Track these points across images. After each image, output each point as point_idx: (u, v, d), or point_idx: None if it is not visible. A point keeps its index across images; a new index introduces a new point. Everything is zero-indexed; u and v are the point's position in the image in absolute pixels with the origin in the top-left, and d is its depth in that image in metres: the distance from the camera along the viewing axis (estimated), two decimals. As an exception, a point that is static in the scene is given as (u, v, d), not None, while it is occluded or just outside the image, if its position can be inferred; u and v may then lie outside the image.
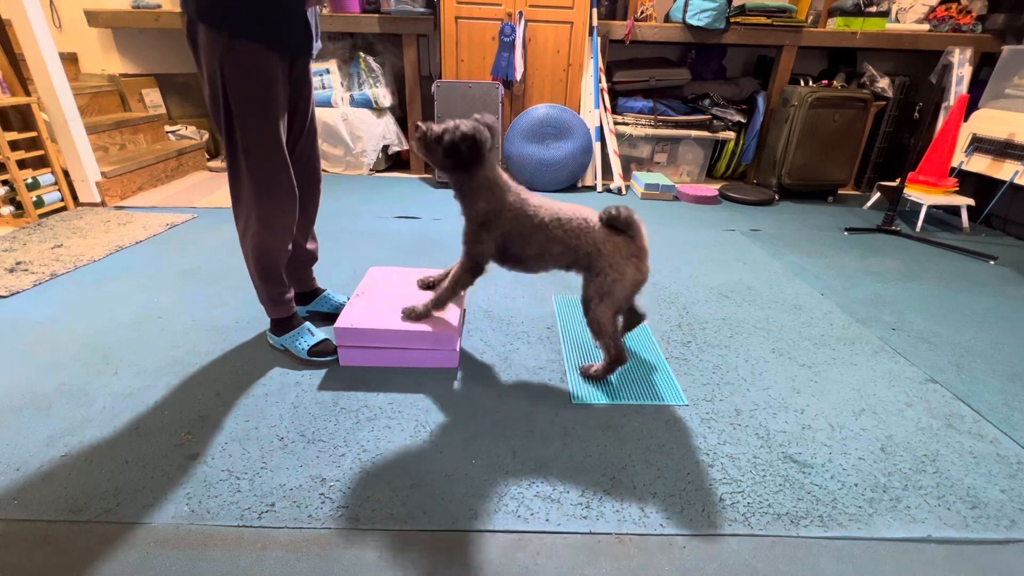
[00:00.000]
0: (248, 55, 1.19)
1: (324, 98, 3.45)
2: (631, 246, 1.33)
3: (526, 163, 3.34)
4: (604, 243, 1.33)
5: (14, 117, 2.52)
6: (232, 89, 1.21)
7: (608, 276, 1.32)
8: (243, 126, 1.25)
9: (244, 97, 1.22)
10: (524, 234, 1.36)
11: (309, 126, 1.47)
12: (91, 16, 3.37)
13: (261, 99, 1.24)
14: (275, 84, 1.25)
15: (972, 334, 1.82)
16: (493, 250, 1.41)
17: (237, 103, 1.22)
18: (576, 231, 1.34)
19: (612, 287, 1.33)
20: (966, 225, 2.94)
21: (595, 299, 1.35)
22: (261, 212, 1.35)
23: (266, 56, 1.21)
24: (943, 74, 3.11)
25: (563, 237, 1.34)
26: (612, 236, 1.33)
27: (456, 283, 1.46)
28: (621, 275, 1.32)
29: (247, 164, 1.29)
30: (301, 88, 1.39)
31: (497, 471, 1.16)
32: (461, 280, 1.46)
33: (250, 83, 1.22)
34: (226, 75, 1.20)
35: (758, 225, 2.90)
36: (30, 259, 2.09)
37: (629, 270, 1.32)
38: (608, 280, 1.33)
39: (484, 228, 1.37)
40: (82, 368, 1.45)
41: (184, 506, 1.04)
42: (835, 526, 1.06)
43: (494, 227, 1.37)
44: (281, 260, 1.45)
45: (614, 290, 1.33)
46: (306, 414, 1.31)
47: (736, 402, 1.42)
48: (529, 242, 1.37)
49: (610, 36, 3.37)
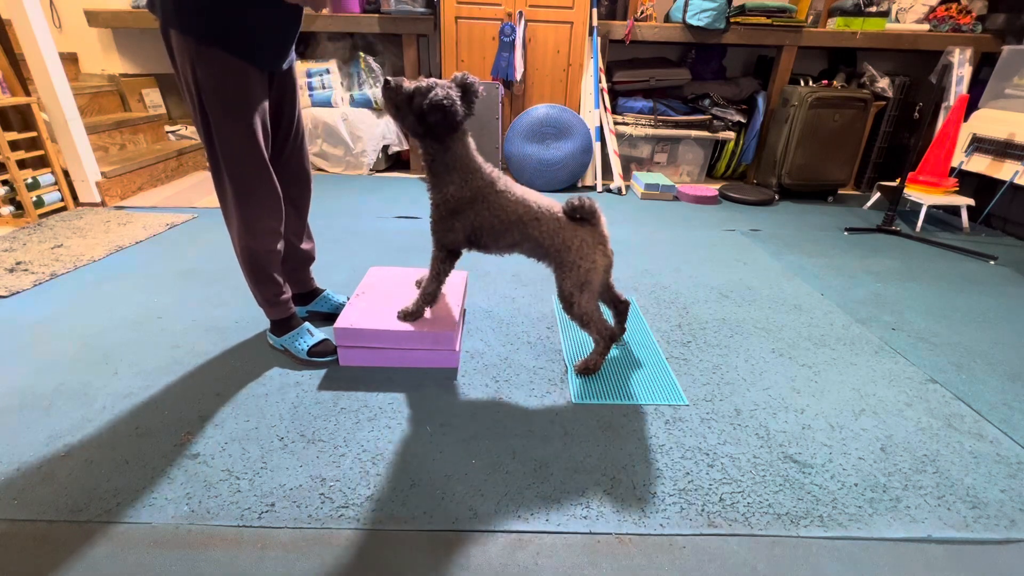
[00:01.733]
0: (219, 61, 1.17)
1: (324, 98, 3.45)
2: (595, 234, 1.37)
3: (526, 163, 3.34)
4: (572, 239, 1.36)
5: (14, 117, 2.52)
6: (205, 93, 1.19)
7: (582, 268, 1.36)
8: (219, 130, 1.23)
9: (218, 101, 1.20)
10: (499, 228, 1.37)
11: (296, 128, 1.46)
12: (91, 16, 3.37)
13: (235, 103, 1.22)
14: (249, 89, 1.22)
15: (972, 334, 1.82)
16: (464, 238, 1.40)
17: (211, 107, 1.20)
18: (551, 232, 1.36)
19: (588, 276, 1.37)
20: (966, 225, 2.94)
21: (575, 292, 1.38)
22: (243, 215, 1.34)
23: (238, 63, 1.19)
24: (943, 74, 3.11)
25: (538, 236, 1.37)
26: (578, 229, 1.36)
27: (438, 274, 1.46)
28: (593, 264, 1.37)
29: (227, 168, 1.28)
30: (285, 91, 1.38)
31: (497, 471, 1.16)
32: (441, 270, 1.46)
33: (222, 88, 1.19)
34: (199, 79, 1.17)
35: (758, 225, 2.90)
36: (30, 259, 2.09)
37: (598, 258, 1.38)
38: (583, 272, 1.36)
39: (454, 216, 1.36)
40: (82, 368, 1.45)
41: (184, 506, 1.04)
42: (835, 526, 1.06)
43: (464, 216, 1.36)
44: (270, 262, 1.43)
45: (591, 279, 1.38)
46: (306, 414, 1.31)
47: (736, 402, 1.42)
48: (503, 235, 1.38)
49: (610, 36, 3.37)
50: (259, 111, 1.26)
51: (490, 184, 1.35)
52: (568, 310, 1.41)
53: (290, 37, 1.30)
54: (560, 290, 1.41)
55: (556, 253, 1.38)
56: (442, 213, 1.37)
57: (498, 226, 1.37)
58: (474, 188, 1.34)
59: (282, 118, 1.41)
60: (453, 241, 1.41)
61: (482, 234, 1.39)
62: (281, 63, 1.31)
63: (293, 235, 1.57)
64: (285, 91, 1.38)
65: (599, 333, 1.45)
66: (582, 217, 1.36)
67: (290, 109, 1.42)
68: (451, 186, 1.33)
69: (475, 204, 1.34)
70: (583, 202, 1.34)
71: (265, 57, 1.24)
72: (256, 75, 1.23)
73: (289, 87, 1.39)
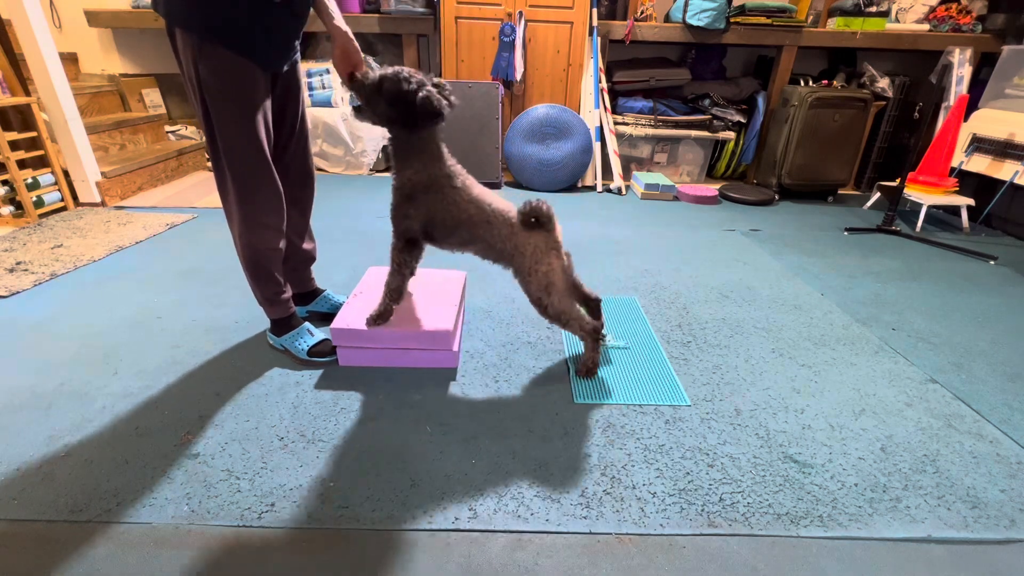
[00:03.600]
0: (221, 58, 1.17)
1: (324, 98, 3.45)
2: (548, 240, 1.36)
3: (526, 163, 3.34)
4: (525, 245, 1.35)
5: (14, 117, 2.52)
6: (208, 91, 1.20)
7: (540, 271, 1.36)
8: (222, 127, 1.24)
9: (221, 99, 1.21)
10: (449, 224, 1.36)
11: (300, 127, 1.46)
12: (91, 16, 3.37)
13: (238, 101, 1.22)
14: (252, 87, 1.23)
15: (972, 334, 1.82)
16: (419, 227, 1.38)
17: (214, 104, 1.21)
18: (502, 236, 1.35)
19: (549, 278, 1.37)
20: (966, 225, 2.94)
21: (542, 296, 1.38)
22: (245, 212, 1.34)
23: (240, 60, 1.19)
24: (943, 74, 3.11)
25: (489, 239, 1.36)
26: (531, 235, 1.35)
27: (399, 266, 1.43)
28: (550, 266, 1.36)
29: (229, 165, 1.28)
30: (289, 89, 1.38)
31: (497, 471, 1.16)
32: (402, 262, 1.43)
33: (225, 85, 1.20)
34: (201, 76, 1.18)
35: (758, 225, 2.90)
36: (30, 259, 2.09)
37: (554, 260, 1.37)
38: (542, 275, 1.36)
39: (408, 202, 1.34)
40: (82, 368, 1.45)
41: (184, 506, 1.04)
42: (835, 526, 1.06)
43: (419, 203, 1.34)
44: (272, 260, 1.43)
45: (552, 279, 1.37)
46: (306, 414, 1.31)
47: (736, 402, 1.42)
48: (453, 233, 1.38)
49: (610, 36, 3.37)
50: (262, 109, 1.27)
51: (447, 177, 1.33)
52: (543, 313, 1.41)
53: (292, 36, 1.30)
54: (528, 296, 1.41)
55: (509, 257, 1.37)
56: (398, 199, 1.36)
57: (449, 221, 1.35)
58: (431, 175, 1.32)
59: (286, 117, 1.41)
60: (408, 229, 1.38)
61: (434, 227, 1.38)
62: (284, 62, 1.31)
63: (295, 234, 1.57)
64: (289, 90, 1.39)
65: (581, 329, 1.45)
66: (537, 222, 1.32)
67: (294, 108, 1.42)
68: (409, 170, 1.32)
69: (429, 192, 1.32)
70: (539, 207, 1.30)
71: (268, 55, 1.24)
72: (259, 73, 1.23)
73: (293, 86, 1.39)
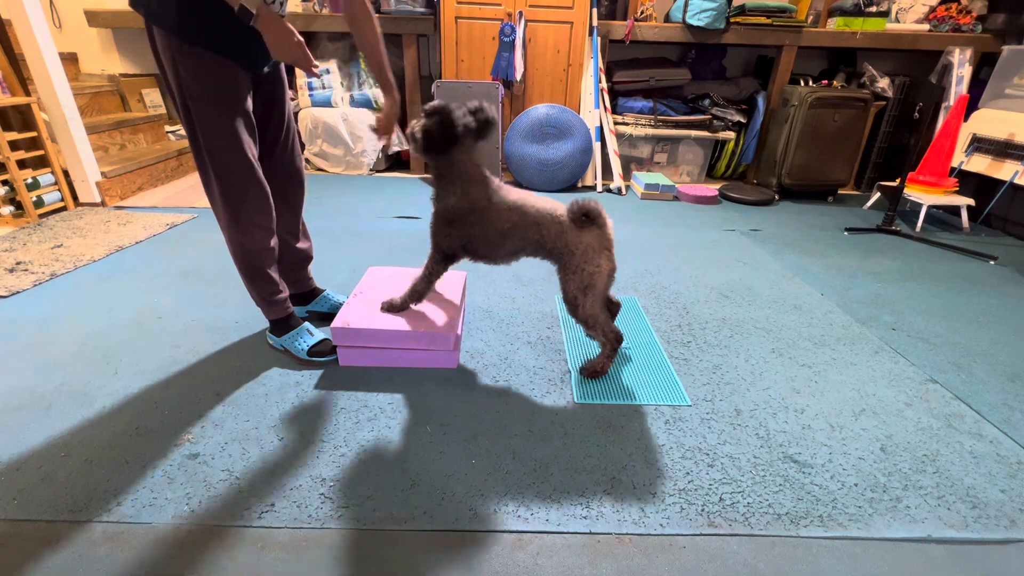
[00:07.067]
0: (199, 58, 1.16)
1: (324, 98, 3.45)
2: (601, 239, 1.36)
3: (526, 163, 3.34)
4: (577, 242, 1.35)
5: (14, 117, 2.52)
6: (188, 91, 1.19)
7: (586, 271, 1.35)
8: (203, 128, 1.23)
9: (201, 99, 1.20)
10: (493, 239, 1.37)
11: (287, 127, 1.45)
12: (91, 16, 3.37)
13: (218, 101, 1.21)
14: (233, 87, 1.22)
15: (972, 334, 1.82)
16: (460, 245, 1.41)
17: (194, 104, 1.20)
18: (552, 235, 1.36)
19: (592, 280, 1.36)
20: (966, 225, 2.94)
21: (579, 295, 1.37)
22: (233, 213, 1.33)
23: (220, 61, 1.18)
24: (943, 74, 3.11)
25: (539, 240, 1.37)
26: (583, 232, 1.35)
27: (430, 274, 1.47)
28: (598, 268, 1.36)
29: (212, 166, 1.27)
30: (274, 91, 1.37)
31: (497, 471, 1.16)
32: (434, 271, 1.46)
33: (205, 86, 1.19)
34: (181, 76, 1.17)
35: (758, 225, 2.90)
36: (30, 259, 2.09)
37: (604, 262, 1.36)
38: (587, 275, 1.35)
39: (450, 225, 1.37)
40: (82, 368, 1.45)
41: (184, 506, 1.04)
42: (835, 526, 1.06)
43: (460, 226, 1.37)
44: (265, 259, 1.43)
45: (595, 283, 1.36)
46: (306, 414, 1.31)
47: (736, 402, 1.42)
48: (502, 244, 1.38)
49: (610, 36, 3.37)
50: (242, 109, 1.26)
51: (486, 197, 1.35)
52: (573, 313, 1.41)
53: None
54: (564, 292, 1.40)
55: (559, 255, 1.37)
56: (440, 220, 1.39)
57: (493, 236, 1.37)
58: (472, 200, 1.34)
59: (271, 118, 1.40)
60: (450, 247, 1.42)
61: (477, 245, 1.39)
62: (265, 62, 1.30)
63: (288, 234, 1.57)
64: (274, 91, 1.38)
65: (605, 336, 1.44)
66: (588, 219, 1.34)
67: (280, 109, 1.41)
68: (452, 197, 1.35)
69: (470, 216, 1.35)
70: (589, 205, 1.32)
71: (247, 56, 1.23)
72: (239, 73, 1.23)
73: (278, 87, 1.39)
